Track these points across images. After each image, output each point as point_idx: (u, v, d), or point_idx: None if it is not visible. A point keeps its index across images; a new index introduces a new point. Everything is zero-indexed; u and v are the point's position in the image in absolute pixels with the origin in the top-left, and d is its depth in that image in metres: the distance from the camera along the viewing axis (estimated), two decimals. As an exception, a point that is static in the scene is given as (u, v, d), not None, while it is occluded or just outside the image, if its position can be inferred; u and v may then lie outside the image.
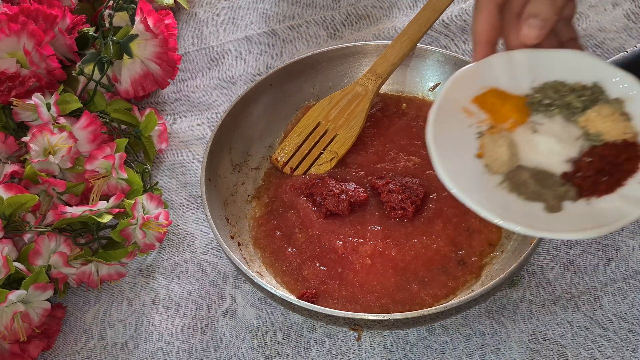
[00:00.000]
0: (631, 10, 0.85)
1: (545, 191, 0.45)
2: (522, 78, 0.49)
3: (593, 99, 0.48)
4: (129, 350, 0.62)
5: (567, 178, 0.45)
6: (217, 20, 0.95)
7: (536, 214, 0.44)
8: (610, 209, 0.43)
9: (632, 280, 0.60)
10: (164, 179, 0.76)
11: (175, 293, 0.65)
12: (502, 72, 0.49)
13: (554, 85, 0.49)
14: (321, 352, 0.59)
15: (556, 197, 0.44)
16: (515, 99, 0.49)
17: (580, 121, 0.47)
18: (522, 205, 0.44)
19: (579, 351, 0.57)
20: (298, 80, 0.74)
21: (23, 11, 0.70)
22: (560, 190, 0.45)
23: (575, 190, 0.45)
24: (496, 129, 0.48)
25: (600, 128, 0.46)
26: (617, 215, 0.42)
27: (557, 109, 0.48)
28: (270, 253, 0.64)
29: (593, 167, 0.45)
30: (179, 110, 0.83)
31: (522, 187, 0.45)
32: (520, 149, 0.47)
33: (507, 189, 0.45)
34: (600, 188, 0.44)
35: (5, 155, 0.68)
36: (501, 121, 0.48)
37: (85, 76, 0.73)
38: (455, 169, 0.45)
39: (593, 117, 0.47)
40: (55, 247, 0.62)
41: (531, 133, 0.47)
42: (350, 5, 0.93)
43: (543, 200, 0.44)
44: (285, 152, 0.71)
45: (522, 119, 0.48)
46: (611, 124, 0.46)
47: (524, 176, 0.46)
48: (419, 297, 0.59)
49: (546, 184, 0.45)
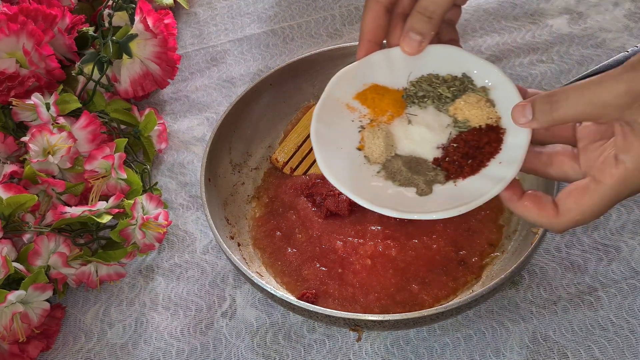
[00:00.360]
0: (632, 9, 0.85)
1: (417, 177, 0.49)
2: (399, 73, 0.53)
3: (462, 88, 0.51)
4: (128, 351, 0.62)
5: (437, 163, 0.49)
6: (216, 20, 0.95)
7: (408, 198, 0.48)
8: (473, 188, 0.47)
9: (633, 280, 0.60)
10: (163, 179, 0.76)
11: (175, 293, 0.65)
12: (381, 69, 0.53)
13: (428, 78, 0.52)
14: (321, 353, 0.59)
15: (427, 182, 0.49)
16: (393, 93, 0.53)
17: (450, 110, 0.51)
18: (396, 191, 0.49)
19: (580, 352, 0.56)
20: (298, 80, 0.74)
21: (22, 11, 0.70)
22: (430, 175, 0.49)
23: (444, 174, 0.49)
24: (375, 122, 0.52)
25: (467, 115, 0.50)
26: (478, 193, 0.46)
27: (430, 100, 0.52)
28: (270, 253, 0.64)
29: (459, 151, 0.49)
30: (179, 110, 0.83)
31: (396, 175, 0.50)
32: (397, 139, 0.51)
33: (384, 177, 0.50)
34: (465, 170, 0.48)
35: (4, 155, 0.68)
36: (380, 114, 0.52)
37: (84, 76, 0.73)
38: (337, 162, 0.49)
39: (461, 106, 0.50)
40: (55, 248, 0.62)
41: (406, 124, 0.51)
42: (350, 5, 0.93)
43: (415, 185, 0.49)
44: (285, 152, 0.71)
45: (398, 111, 0.52)
46: (477, 110, 0.50)
47: (398, 164, 0.50)
48: (419, 297, 0.59)
49: (418, 170, 0.49)
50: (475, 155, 0.48)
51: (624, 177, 0.41)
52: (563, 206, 0.44)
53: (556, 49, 0.82)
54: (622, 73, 0.39)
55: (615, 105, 0.39)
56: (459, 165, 0.48)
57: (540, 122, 0.43)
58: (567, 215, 0.44)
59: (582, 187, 0.43)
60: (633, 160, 0.40)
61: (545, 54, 0.82)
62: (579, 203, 0.43)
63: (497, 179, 0.46)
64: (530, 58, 0.82)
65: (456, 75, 0.51)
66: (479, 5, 0.88)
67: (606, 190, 0.42)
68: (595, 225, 0.64)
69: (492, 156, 0.48)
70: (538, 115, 0.43)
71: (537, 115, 0.43)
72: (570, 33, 0.84)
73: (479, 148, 0.48)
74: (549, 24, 0.86)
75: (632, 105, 0.39)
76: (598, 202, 0.42)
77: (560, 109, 0.41)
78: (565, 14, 0.86)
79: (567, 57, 0.81)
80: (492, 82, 0.50)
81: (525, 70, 0.80)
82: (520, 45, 0.83)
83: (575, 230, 0.64)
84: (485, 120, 0.49)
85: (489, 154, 0.48)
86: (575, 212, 0.43)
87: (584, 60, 0.80)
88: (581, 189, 0.43)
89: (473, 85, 0.51)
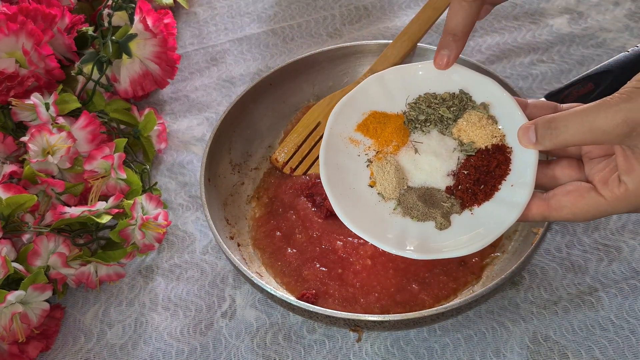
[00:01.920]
0: (632, 9, 0.85)
1: (433, 210, 0.48)
2: (396, 96, 0.52)
3: (461, 107, 0.50)
4: (128, 352, 0.61)
5: (450, 192, 0.49)
6: (216, 19, 0.95)
7: (429, 234, 0.48)
8: (490, 216, 0.47)
9: (634, 280, 0.60)
10: (163, 179, 0.75)
11: (175, 294, 0.65)
12: (377, 94, 0.52)
13: (426, 98, 0.51)
14: (321, 354, 0.59)
15: (444, 214, 0.48)
16: (394, 120, 0.52)
17: (454, 132, 0.50)
18: (416, 228, 0.48)
19: (580, 352, 0.56)
20: (298, 80, 0.74)
21: (22, 11, 0.70)
22: (446, 206, 0.48)
23: (459, 202, 0.48)
24: (382, 154, 0.51)
25: (472, 136, 0.49)
26: (495, 222, 0.46)
27: (432, 124, 0.51)
28: (270, 254, 0.64)
29: (470, 178, 0.48)
30: (178, 110, 0.83)
31: (413, 210, 0.49)
32: (407, 172, 0.50)
33: (401, 213, 0.49)
34: (479, 197, 0.48)
35: (4, 155, 0.68)
36: (385, 145, 0.51)
37: (84, 76, 0.73)
38: (354, 207, 0.49)
39: (464, 126, 0.50)
40: (54, 248, 0.61)
41: (413, 153, 0.51)
42: (350, 5, 0.93)
43: (433, 219, 0.48)
44: (285, 152, 0.71)
45: (403, 140, 0.51)
46: (480, 130, 0.49)
47: (413, 199, 0.49)
48: (419, 297, 0.59)
49: (434, 202, 0.49)
50: (487, 180, 0.48)
51: (625, 196, 0.43)
52: (557, 202, 0.45)
53: (556, 49, 0.82)
54: (620, 103, 0.40)
55: (614, 134, 0.40)
56: (472, 193, 0.48)
57: (544, 145, 0.44)
58: (559, 211, 0.45)
59: (582, 191, 0.44)
60: (634, 182, 0.42)
61: (546, 53, 0.82)
62: (574, 204, 0.45)
63: (513, 205, 0.46)
64: (530, 58, 0.82)
65: (454, 93, 0.51)
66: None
67: (604, 204, 0.43)
68: (596, 225, 0.64)
69: (503, 178, 0.48)
70: (541, 139, 0.44)
71: (540, 139, 0.44)
72: (571, 33, 0.84)
73: (489, 172, 0.48)
74: (550, 23, 0.86)
75: (630, 134, 0.40)
76: (592, 211, 0.44)
77: (560, 135, 0.42)
78: (565, 13, 0.86)
79: (567, 57, 0.81)
80: (490, 97, 0.50)
81: (525, 70, 0.80)
82: (521, 45, 0.83)
83: (575, 230, 0.64)
84: (490, 140, 0.49)
85: (500, 177, 0.48)
86: (567, 211, 0.45)
87: (584, 60, 0.80)
88: (580, 193, 0.44)
89: (472, 102, 0.51)
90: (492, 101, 0.50)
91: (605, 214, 0.44)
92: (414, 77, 0.52)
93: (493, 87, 0.50)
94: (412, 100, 0.52)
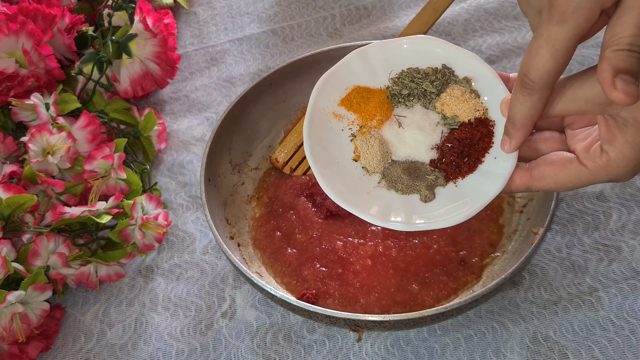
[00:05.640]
0: (632, 9, 0.85)
1: (418, 183, 0.49)
2: (379, 71, 0.52)
3: (444, 81, 0.50)
4: (128, 352, 0.61)
5: (434, 165, 0.49)
6: (216, 19, 0.95)
7: (414, 206, 0.48)
8: (474, 188, 0.47)
9: (634, 280, 0.60)
10: (163, 179, 0.75)
11: (175, 294, 0.65)
12: (360, 69, 0.52)
13: (409, 73, 0.51)
14: (321, 354, 0.59)
15: (428, 187, 0.48)
16: (377, 94, 0.52)
17: (437, 106, 0.50)
18: (401, 201, 0.49)
19: (580, 352, 0.56)
20: (298, 80, 0.74)
21: (22, 11, 0.70)
22: (431, 178, 0.49)
23: (444, 175, 0.49)
24: (366, 128, 0.51)
25: (455, 110, 0.49)
26: (480, 193, 0.47)
27: (416, 99, 0.51)
28: (270, 254, 0.64)
29: (454, 151, 0.48)
30: (178, 110, 0.83)
31: (397, 183, 0.49)
32: (391, 145, 0.50)
33: (386, 187, 0.49)
34: (463, 170, 0.48)
35: (4, 155, 0.68)
36: (368, 119, 0.51)
37: (84, 76, 0.73)
38: (337, 179, 0.49)
39: (447, 100, 0.50)
40: (54, 248, 0.61)
41: (397, 127, 0.51)
42: (350, 5, 0.93)
43: (417, 192, 0.49)
44: (285, 152, 0.71)
45: (386, 114, 0.51)
46: (463, 104, 0.49)
47: (397, 172, 0.49)
48: (419, 297, 0.59)
49: (418, 175, 0.49)
50: (471, 153, 0.48)
51: (606, 166, 0.42)
52: (540, 172, 0.45)
53: (556, 49, 0.82)
54: None
55: (596, 102, 0.40)
56: (456, 166, 0.48)
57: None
58: (542, 180, 0.45)
59: (564, 161, 0.44)
60: (616, 152, 0.41)
61: (546, 53, 0.82)
62: (557, 174, 0.45)
63: (496, 176, 0.46)
64: (530, 58, 0.82)
65: (436, 67, 0.51)
66: (479, 5, 0.88)
67: (586, 173, 0.43)
68: (596, 225, 0.64)
69: (487, 151, 0.48)
70: None
71: None
72: (571, 33, 0.83)
73: (473, 145, 0.48)
74: (550, 23, 0.85)
75: (612, 102, 0.39)
76: (575, 180, 0.44)
77: None
78: (565, 13, 0.86)
79: (567, 57, 0.81)
80: (473, 71, 0.50)
81: (525, 70, 0.80)
82: (521, 44, 0.83)
83: (576, 230, 0.64)
84: (473, 113, 0.49)
85: (483, 150, 0.48)
86: (549, 180, 0.45)
87: (584, 59, 0.80)
88: (563, 163, 0.44)
89: (455, 77, 0.51)
90: (475, 75, 0.50)
91: (588, 183, 0.44)
92: (397, 52, 0.52)
93: (475, 61, 0.50)
94: (395, 75, 0.52)
